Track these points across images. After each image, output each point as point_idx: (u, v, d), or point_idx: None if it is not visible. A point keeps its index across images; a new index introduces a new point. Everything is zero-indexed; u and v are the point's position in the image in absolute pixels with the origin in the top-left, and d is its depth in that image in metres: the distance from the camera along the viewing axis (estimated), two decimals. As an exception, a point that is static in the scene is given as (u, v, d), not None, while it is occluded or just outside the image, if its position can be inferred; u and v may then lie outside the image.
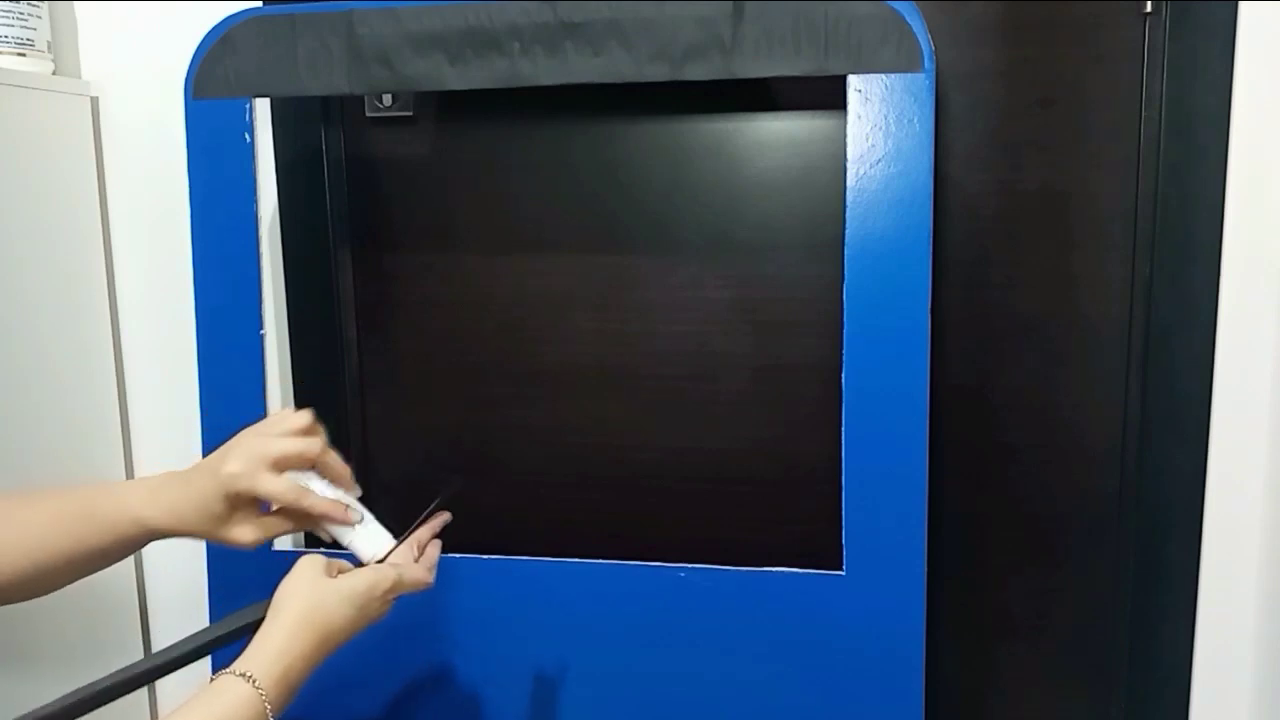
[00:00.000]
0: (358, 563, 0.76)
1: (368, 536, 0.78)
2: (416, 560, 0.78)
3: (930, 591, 0.95)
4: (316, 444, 0.76)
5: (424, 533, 0.80)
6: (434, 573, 0.78)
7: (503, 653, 1.06)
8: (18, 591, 0.74)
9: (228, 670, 0.64)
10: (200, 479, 0.75)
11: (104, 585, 1.27)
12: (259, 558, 1.08)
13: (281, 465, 0.74)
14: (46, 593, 0.76)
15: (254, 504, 0.76)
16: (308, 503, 0.75)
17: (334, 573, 0.72)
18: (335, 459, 0.78)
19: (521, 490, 1.26)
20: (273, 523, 0.77)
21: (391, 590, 0.73)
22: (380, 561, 0.76)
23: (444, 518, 0.82)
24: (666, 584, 1.02)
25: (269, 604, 0.70)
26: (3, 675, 1.14)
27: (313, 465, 0.76)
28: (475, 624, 1.06)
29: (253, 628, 0.69)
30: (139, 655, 1.35)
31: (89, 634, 1.26)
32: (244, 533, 0.76)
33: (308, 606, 0.68)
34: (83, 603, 1.25)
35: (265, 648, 0.66)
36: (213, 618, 1.10)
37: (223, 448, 0.76)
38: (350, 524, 0.77)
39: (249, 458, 0.74)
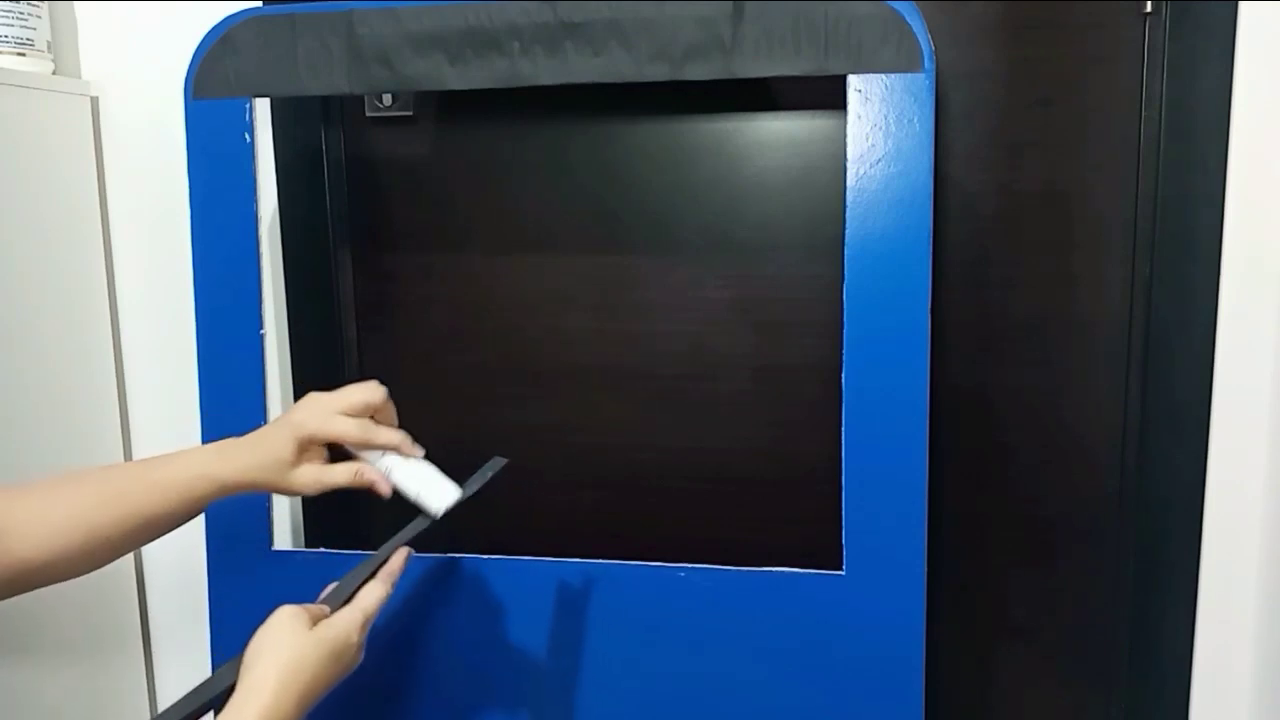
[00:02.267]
0: (335, 600, 0.75)
1: (433, 486, 0.82)
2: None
3: (930, 591, 0.95)
4: (380, 391, 0.84)
5: (396, 560, 0.79)
6: (391, 582, 0.77)
7: (503, 653, 1.06)
8: (70, 567, 0.76)
9: None
10: (271, 432, 0.81)
11: (103, 580, 1.28)
12: (258, 556, 1.09)
13: (350, 413, 0.81)
14: (106, 563, 0.78)
15: (320, 454, 0.82)
16: (377, 436, 0.81)
17: (312, 623, 0.70)
18: (393, 412, 0.86)
19: (521, 490, 1.25)
20: (334, 469, 0.82)
21: (364, 628, 0.73)
22: (446, 510, 0.81)
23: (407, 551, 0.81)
24: (666, 584, 1.02)
25: (239, 662, 0.68)
26: (2, 671, 1.14)
27: (376, 414, 0.84)
28: (475, 624, 1.06)
29: (229, 693, 0.67)
30: (138, 651, 1.35)
31: (89, 630, 1.26)
32: (305, 475, 0.80)
33: (292, 665, 0.66)
34: (82, 598, 1.25)
35: (250, 708, 0.64)
36: (212, 616, 1.10)
37: (292, 406, 0.83)
38: (416, 456, 0.84)
39: (318, 407, 0.81)
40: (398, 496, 0.84)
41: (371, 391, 0.83)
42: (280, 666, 0.66)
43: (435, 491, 0.82)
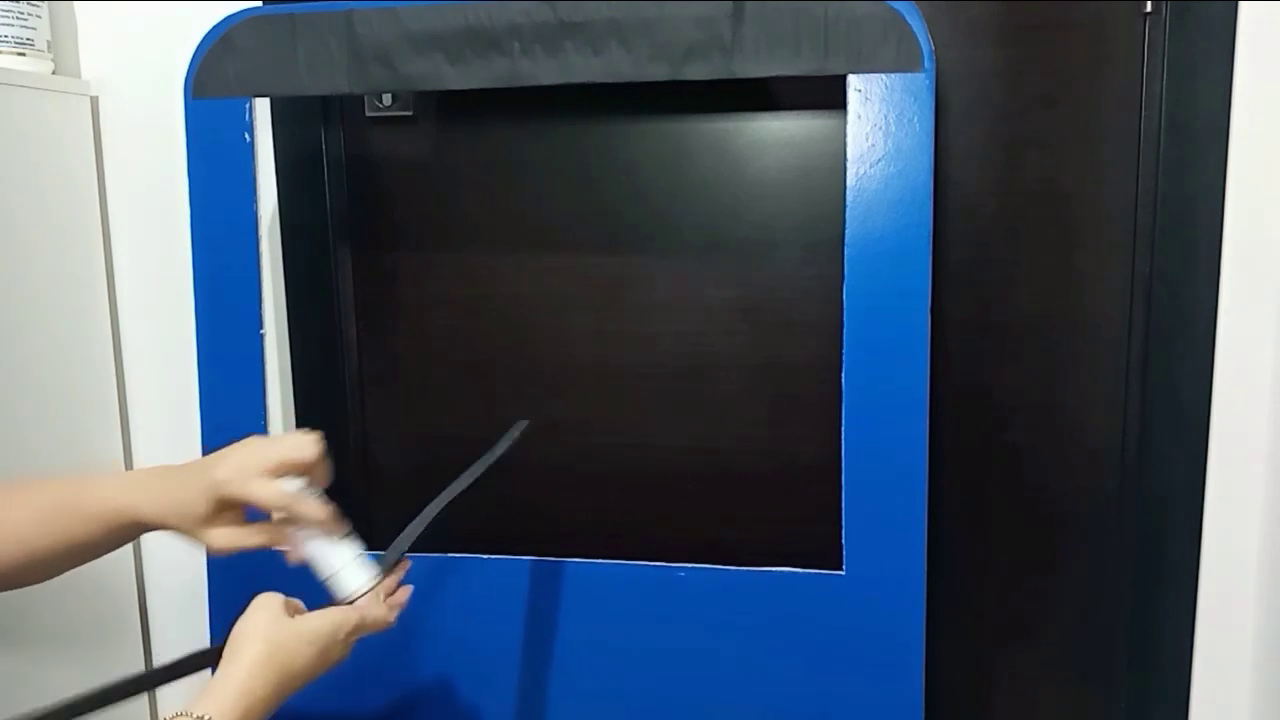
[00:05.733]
0: (312, 603, 0.74)
1: (349, 570, 0.75)
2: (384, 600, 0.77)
3: (930, 591, 0.95)
4: (313, 450, 0.75)
5: (391, 580, 0.78)
6: (396, 613, 0.76)
7: (502, 652, 1.06)
8: (10, 580, 0.75)
9: (183, 712, 0.63)
10: (193, 477, 0.74)
11: (103, 572, 1.28)
12: (258, 554, 1.08)
13: (275, 472, 0.74)
14: (42, 580, 0.77)
15: (239, 511, 0.76)
16: (298, 508, 0.73)
17: (292, 612, 0.70)
18: (327, 472, 0.77)
19: (521, 490, 1.26)
20: (251, 533, 0.76)
21: (354, 632, 0.72)
22: (356, 600, 0.75)
23: (406, 564, 0.80)
24: (666, 584, 1.02)
25: (223, 645, 0.68)
26: (3, 664, 1.14)
27: (306, 472, 0.75)
28: (475, 624, 1.06)
29: (204, 661, 0.68)
30: (138, 644, 1.35)
31: (89, 629, 1.26)
32: (220, 538, 0.75)
33: (269, 647, 0.66)
34: (82, 596, 1.25)
35: (225, 689, 0.64)
36: (211, 605, 1.10)
37: (221, 451, 0.76)
38: (339, 535, 0.76)
39: (243, 464, 0.73)
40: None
41: (303, 449, 0.74)
42: (258, 648, 0.66)
43: (349, 577, 0.75)
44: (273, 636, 0.67)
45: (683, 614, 1.02)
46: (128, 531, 0.76)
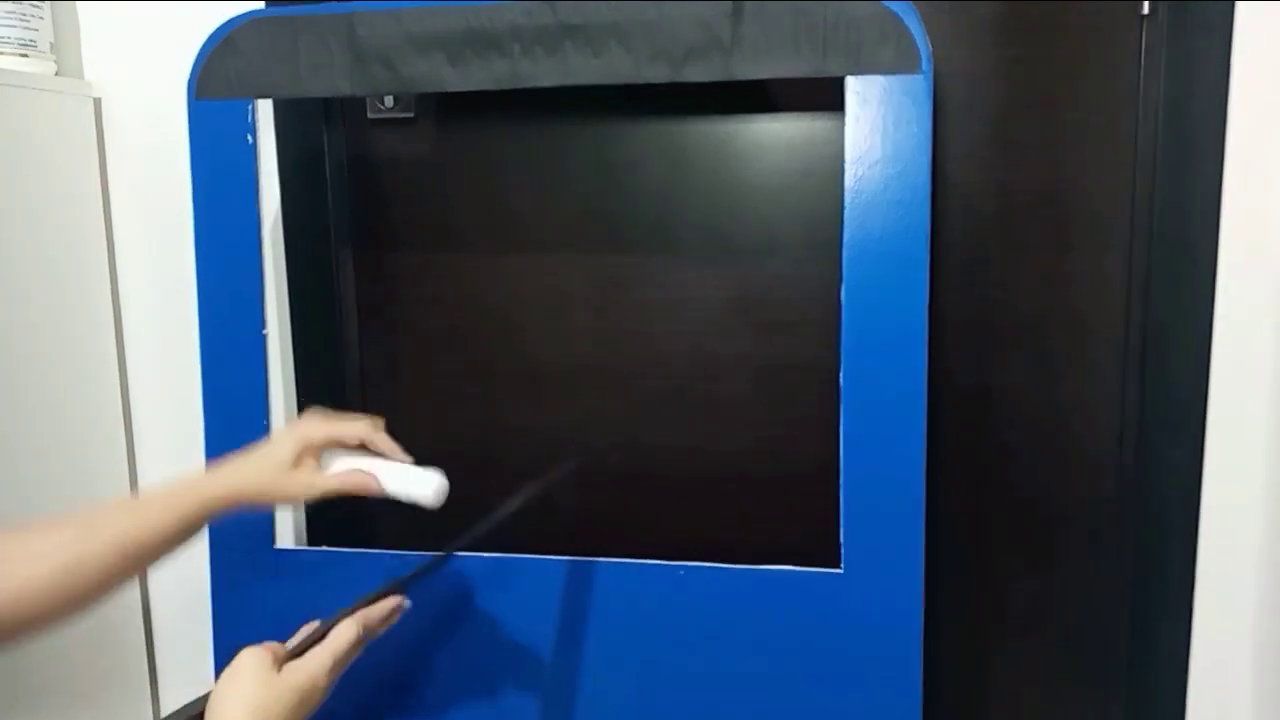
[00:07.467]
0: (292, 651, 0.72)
1: (419, 478, 0.85)
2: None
3: (929, 591, 0.96)
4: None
5: (381, 605, 0.78)
6: (364, 624, 0.75)
7: (503, 650, 1.07)
8: (50, 608, 0.72)
9: None
10: (266, 444, 0.83)
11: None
12: (261, 554, 1.09)
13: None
14: (84, 607, 0.74)
15: (315, 461, 0.84)
16: (379, 438, 0.86)
17: (278, 665, 0.69)
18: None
19: (521, 489, 1.26)
20: (329, 479, 0.84)
21: (333, 670, 0.71)
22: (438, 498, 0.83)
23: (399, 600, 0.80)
24: (666, 583, 1.02)
25: (203, 705, 0.68)
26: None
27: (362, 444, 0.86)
28: (475, 623, 1.07)
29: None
30: (140, 648, 1.35)
31: (89, 627, 1.26)
32: (302, 483, 0.82)
33: (260, 710, 0.65)
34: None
35: None
36: (215, 613, 1.10)
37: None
38: (406, 462, 0.86)
39: (319, 418, 0.85)
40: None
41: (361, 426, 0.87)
42: (248, 711, 0.65)
43: (421, 482, 0.84)
44: (259, 696, 0.66)
45: (682, 612, 1.02)
46: (187, 518, 0.79)
